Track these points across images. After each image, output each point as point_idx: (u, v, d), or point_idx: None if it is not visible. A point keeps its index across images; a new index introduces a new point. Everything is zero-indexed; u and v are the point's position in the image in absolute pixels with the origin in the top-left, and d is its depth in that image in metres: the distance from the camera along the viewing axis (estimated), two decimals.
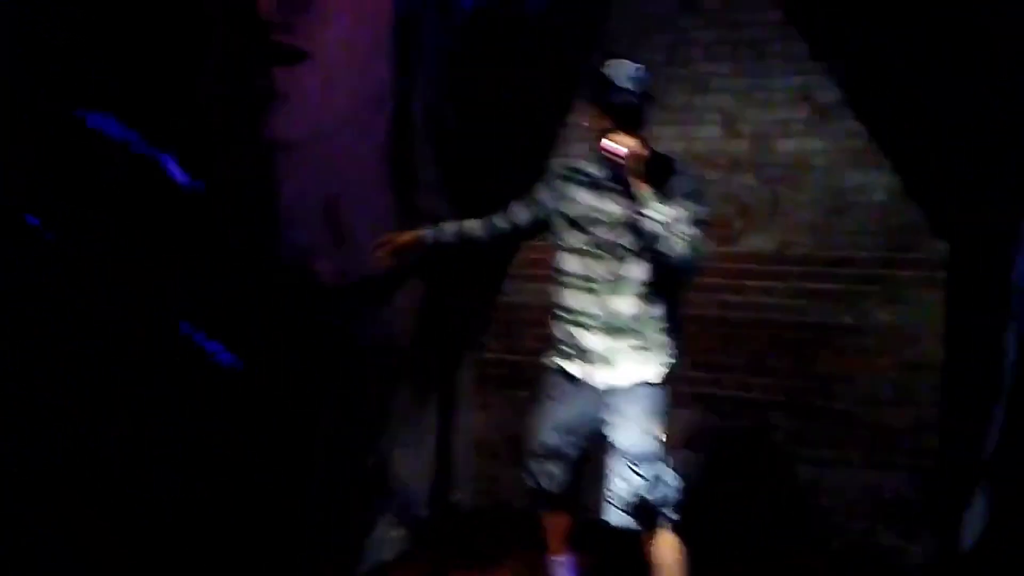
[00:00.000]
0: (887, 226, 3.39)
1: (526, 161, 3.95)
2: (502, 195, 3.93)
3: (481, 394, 4.13)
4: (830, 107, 3.46)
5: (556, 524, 2.96)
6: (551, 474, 2.83)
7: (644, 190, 2.56)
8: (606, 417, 2.71)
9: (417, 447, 3.69)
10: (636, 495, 2.61)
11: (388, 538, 3.47)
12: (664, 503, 2.64)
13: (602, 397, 2.72)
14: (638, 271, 2.65)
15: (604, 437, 2.73)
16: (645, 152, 2.58)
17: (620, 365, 2.69)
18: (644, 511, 2.63)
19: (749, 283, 3.61)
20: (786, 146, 3.55)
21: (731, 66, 3.61)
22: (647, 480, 2.61)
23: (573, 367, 2.76)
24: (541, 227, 2.89)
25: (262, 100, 2.81)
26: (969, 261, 3.18)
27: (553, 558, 3.02)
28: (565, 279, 2.77)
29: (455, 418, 3.95)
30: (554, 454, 2.82)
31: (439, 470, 3.81)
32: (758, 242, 3.59)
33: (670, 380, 2.73)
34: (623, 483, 2.63)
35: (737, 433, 3.64)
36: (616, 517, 2.65)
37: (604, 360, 2.70)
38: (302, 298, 3.05)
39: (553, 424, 2.82)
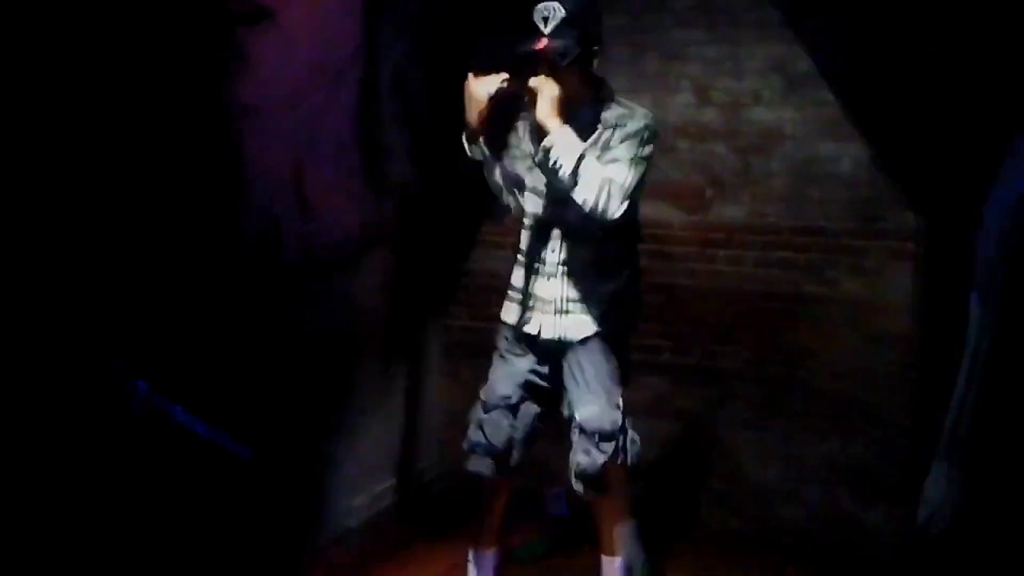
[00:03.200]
0: (858, 196, 3.39)
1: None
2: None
3: (448, 362, 4.11)
4: (802, 77, 3.44)
5: (493, 500, 2.85)
6: (499, 425, 2.71)
7: (552, 126, 2.43)
8: (564, 377, 2.65)
9: (383, 415, 3.66)
10: (597, 468, 2.60)
11: (352, 506, 3.45)
12: (623, 466, 2.65)
13: (556, 352, 2.65)
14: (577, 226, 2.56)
15: (560, 400, 2.70)
16: (554, 92, 2.45)
17: (572, 317, 2.62)
18: (602, 480, 2.63)
19: (719, 252, 3.60)
20: (758, 115, 3.53)
21: (704, 34, 3.56)
22: (608, 454, 2.60)
23: (526, 321, 2.68)
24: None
25: (225, 65, 2.72)
26: (940, 232, 3.19)
27: (479, 551, 2.90)
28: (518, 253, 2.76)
29: (422, 386, 3.93)
30: (505, 406, 2.72)
31: (405, 438, 3.79)
32: (728, 211, 3.57)
33: (626, 336, 2.71)
34: (585, 458, 2.61)
35: (703, 403, 3.66)
36: (579, 488, 2.66)
37: (555, 312, 2.63)
38: (268, 273, 3.00)
39: (505, 377, 2.73)
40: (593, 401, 2.60)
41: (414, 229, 3.61)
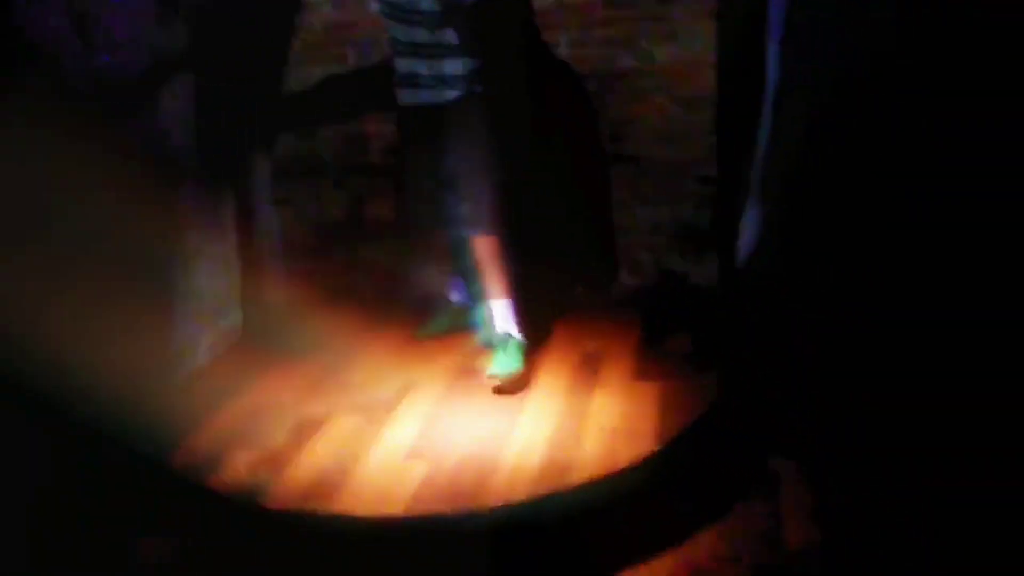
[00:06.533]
0: None
1: None
2: None
3: (281, 187, 3.99)
4: None
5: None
6: (420, 210, 3.21)
7: None
8: (432, 137, 3.06)
9: (219, 249, 3.57)
10: (458, 210, 3.06)
11: (201, 344, 3.42)
12: (481, 214, 3.05)
13: (432, 119, 3.04)
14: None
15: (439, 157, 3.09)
16: None
17: (431, 84, 3.02)
18: (466, 221, 3.07)
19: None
20: None
21: None
22: (467, 199, 3.04)
23: (404, 95, 3.09)
24: None
25: None
26: None
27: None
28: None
29: (256, 215, 3.83)
30: (427, 194, 3.16)
31: (246, 270, 3.73)
32: None
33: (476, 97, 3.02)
34: (453, 203, 3.07)
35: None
36: (451, 229, 3.15)
37: (419, 85, 3.03)
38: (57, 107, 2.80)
39: (412, 164, 3.20)
40: (452, 155, 3.04)
41: (213, 48, 3.41)
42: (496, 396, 3.01)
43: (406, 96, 3.10)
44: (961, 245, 2.57)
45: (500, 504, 2.42)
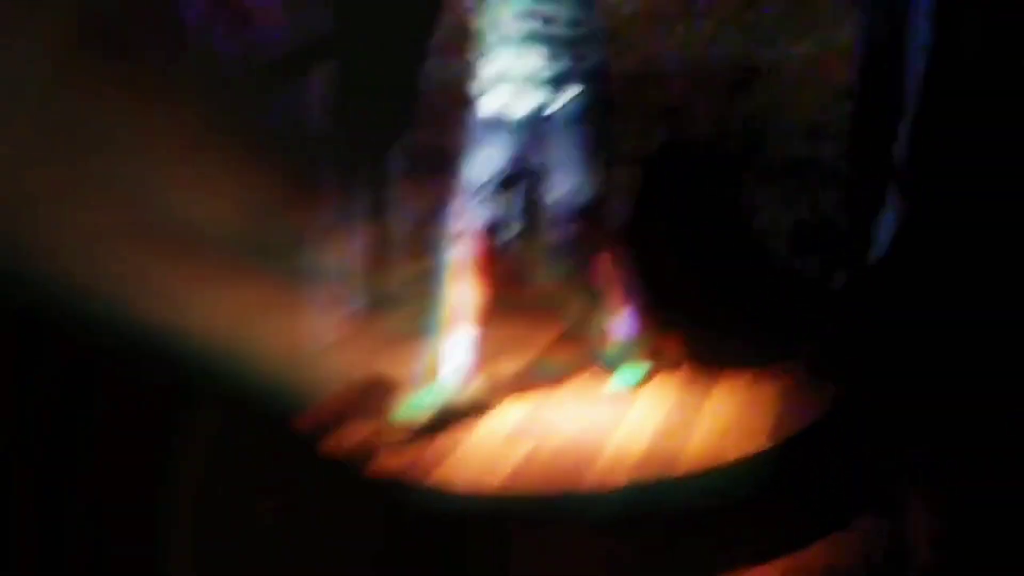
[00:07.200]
0: None
1: None
2: None
3: (415, 181, 4.09)
4: None
5: None
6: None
7: None
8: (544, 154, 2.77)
9: (350, 230, 3.69)
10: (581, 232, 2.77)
11: (328, 322, 3.53)
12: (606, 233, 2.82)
13: (535, 129, 2.75)
14: None
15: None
16: None
17: (545, 84, 2.70)
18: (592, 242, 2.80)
19: (673, 28, 3.51)
20: None
21: None
22: (590, 219, 2.75)
23: (509, 96, 2.76)
24: None
25: None
26: None
27: None
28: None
29: (387, 200, 3.94)
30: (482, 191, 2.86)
31: (375, 251, 3.83)
32: None
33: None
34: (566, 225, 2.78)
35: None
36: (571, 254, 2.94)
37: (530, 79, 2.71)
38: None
39: (484, 162, 2.85)
40: (570, 176, 2.73)
41: (359, 39, 3.54)
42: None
43: (511, 97, 2.75)
44: None
45: (596, 489, 2.38)
